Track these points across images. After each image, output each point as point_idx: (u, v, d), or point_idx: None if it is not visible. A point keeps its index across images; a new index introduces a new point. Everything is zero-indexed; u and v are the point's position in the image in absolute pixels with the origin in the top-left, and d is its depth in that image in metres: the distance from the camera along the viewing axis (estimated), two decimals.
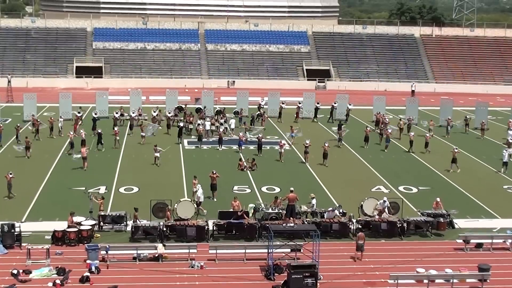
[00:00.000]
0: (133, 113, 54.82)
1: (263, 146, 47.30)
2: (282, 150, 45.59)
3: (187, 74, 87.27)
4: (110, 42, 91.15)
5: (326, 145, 44.43)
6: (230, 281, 25.65)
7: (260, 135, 48.18)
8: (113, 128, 49.86)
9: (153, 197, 32.76)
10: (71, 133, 46.94)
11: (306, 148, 44.51)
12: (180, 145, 49.50)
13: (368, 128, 52.65)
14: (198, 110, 59.38)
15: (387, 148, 49.13)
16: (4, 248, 27.96)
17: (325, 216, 31.61)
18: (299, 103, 62.20)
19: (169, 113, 55.29)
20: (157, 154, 43.40)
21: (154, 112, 56.01)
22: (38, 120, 51.81)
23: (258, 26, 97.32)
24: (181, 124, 51.46)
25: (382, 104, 61.65)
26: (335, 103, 62.06)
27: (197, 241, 28.91)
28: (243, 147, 48.06)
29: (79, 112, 54.56)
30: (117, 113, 54.12)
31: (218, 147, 48.60)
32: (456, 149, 44.46)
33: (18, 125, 49.93)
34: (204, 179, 36.36)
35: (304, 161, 44.75)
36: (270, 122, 58.96)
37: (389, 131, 50.88)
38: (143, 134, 49.80)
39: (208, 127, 51.98)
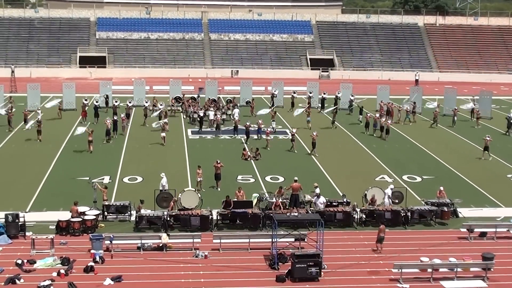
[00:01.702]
0: (130, 102, 55.22)
1: (250, 134, 47.38)
2: (269, 138, 45.88)
3: (191, 64, 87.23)
4: (113, 32, 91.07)
5: (315, 134, 44.39)
6: (234, 271, 25.68)
7: (248, 122, 48.37)
8: (113, 116, 49.90)
9: (157, 186, 32.81)
10: (108, 120, 47.17)
11: (293, 136, 44.94)
12: (198, 134, 49.75)
13: (369, 115, 52.75)
14: (193, 99, 59.71)
15: (375, 132, 50.12)
16: (9, 238, 28.04)
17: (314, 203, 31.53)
18: (310, 93, 61.86)
19: (161, 104, 55.13)
20: (164, 134, 44.53)
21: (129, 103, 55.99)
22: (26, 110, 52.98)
23: (262, 16, 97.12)
24: (201, 114, 51.52)
25: (386, 93, 61.51)
26: (338, 93, 61.92)
27: (201, 231, 28.93)
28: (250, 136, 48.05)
29: (85, 100, 54.68)
30: (116, 101, 54.41)
31: (234, 135, 48.84)
32: (488, 136, 44.67)
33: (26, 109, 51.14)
34: (208, 168, 36.42)
35: (292, 150, 44.71)
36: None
37: (377, 115, 52.04)
38: (166, 120, 50.14)
39: (212, 117, 51.92)
